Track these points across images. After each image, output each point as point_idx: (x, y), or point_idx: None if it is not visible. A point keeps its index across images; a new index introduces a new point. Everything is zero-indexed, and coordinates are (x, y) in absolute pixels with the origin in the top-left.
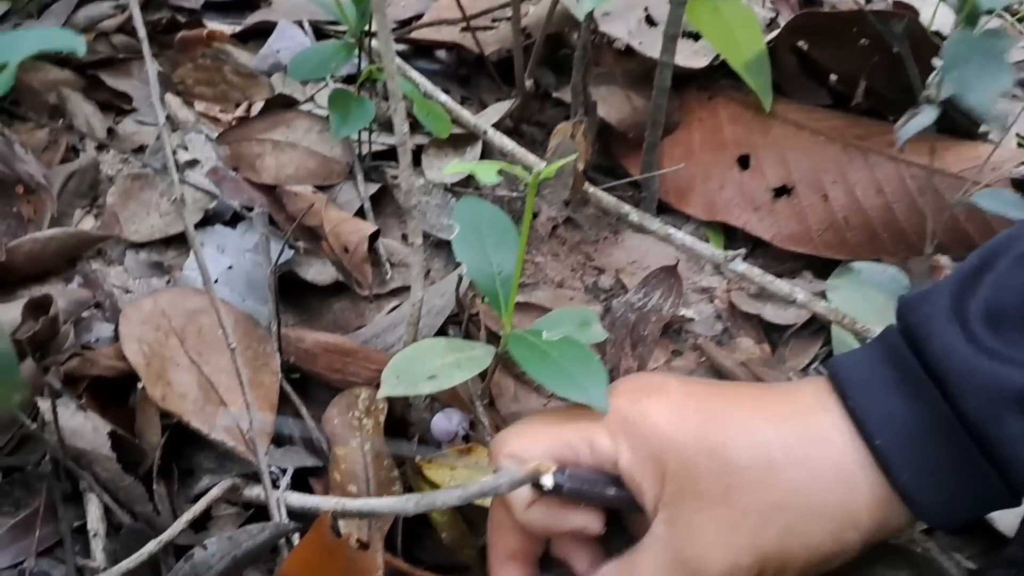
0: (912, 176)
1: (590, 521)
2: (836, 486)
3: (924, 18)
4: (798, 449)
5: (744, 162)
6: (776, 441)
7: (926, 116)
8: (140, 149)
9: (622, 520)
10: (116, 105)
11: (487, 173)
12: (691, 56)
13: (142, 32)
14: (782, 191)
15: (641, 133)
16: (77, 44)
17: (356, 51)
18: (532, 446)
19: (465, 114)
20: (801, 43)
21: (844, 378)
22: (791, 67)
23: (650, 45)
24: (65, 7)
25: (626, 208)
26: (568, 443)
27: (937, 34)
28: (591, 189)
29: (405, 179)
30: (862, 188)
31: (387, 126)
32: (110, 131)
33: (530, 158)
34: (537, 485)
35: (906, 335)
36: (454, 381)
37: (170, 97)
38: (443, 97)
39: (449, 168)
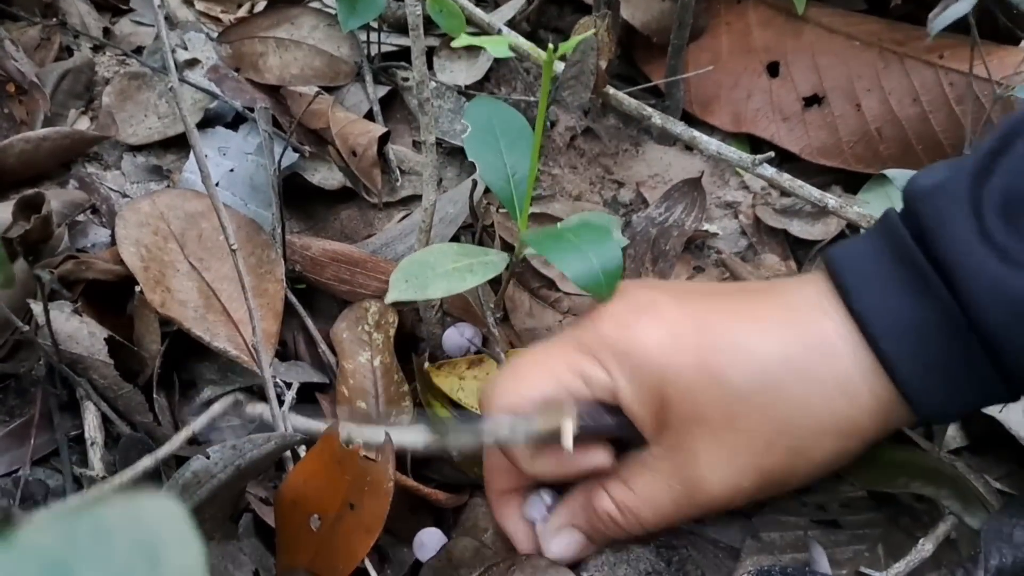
0: (951, 83)
1: (599, 458)
2: (840, 398)
3: None
4: (800, 361)
5: (773, 69)
6: (777, 356)
7: (963, 4)
8: (138, 50)
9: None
10: (112, 4)
11: (498, 47)
12: None
13: None
14: (813, 100)
15: (666, 37)
16: None
17: None
18: (527, 393)
19: (479, 12)
20: None
21: (846, 276)
22: None
23: None
24: None
25: (648, 110)
26: (562, 382)
27: None
28: (612, 92)
29: (418, 69)
30: (897, 96)
31: (397, 26)
32: (106, 31)
33: (538, 51)
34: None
35: (914, 225)
36: (466, 285)
37: None
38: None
39: (458, 42)
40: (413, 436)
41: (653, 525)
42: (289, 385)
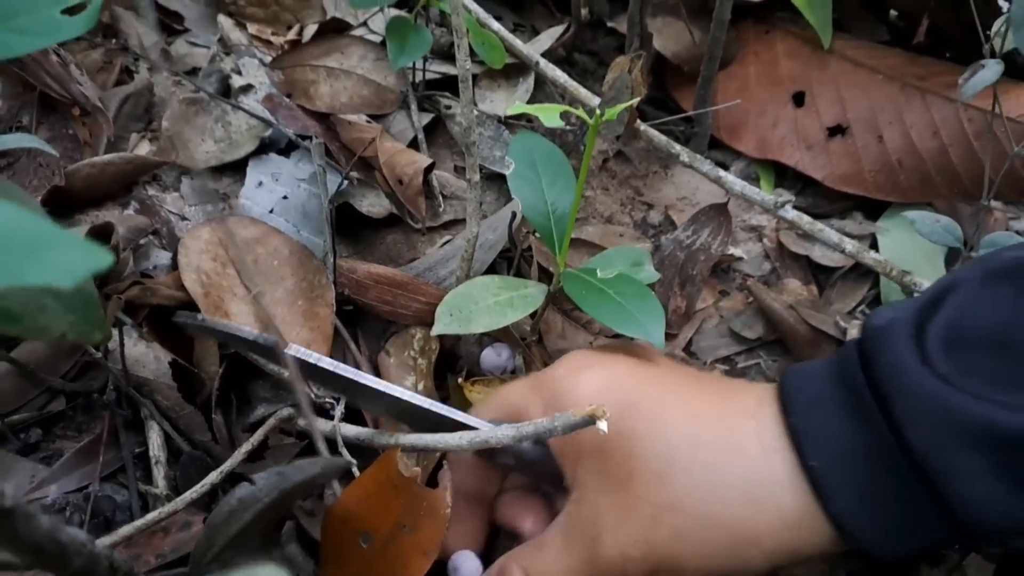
0: (970, 119)
1: (527, 524)
2: (738, 499)
3: None
4: (708, 454)
5: (799, 99)
6: (689, 441)
7: (991, 72)
8: (193, 71)
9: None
10: (168, 24)
11: (550, 117)
12: None
13: None
14: (836, 130)
15: (696, 67)
16: None
17: None
18: (483, 412)
19: (518, 44)
20: None
21: (791, 392)
22: (851, 1)
23: None
24: None
25: (677, 148)
26: (508, 411)
27: None
28: (643, 127)
29: (466, 116)
30: (918, 130)
31: (441, 54)
32: (163, 51)
33: (582, 91)
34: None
35: (860, 351)
36: (507, 320)
37: (222, 18)
38: (495, 25)
39: (512, 109)
40: (457, 439)
41: None
42: (337, 400)
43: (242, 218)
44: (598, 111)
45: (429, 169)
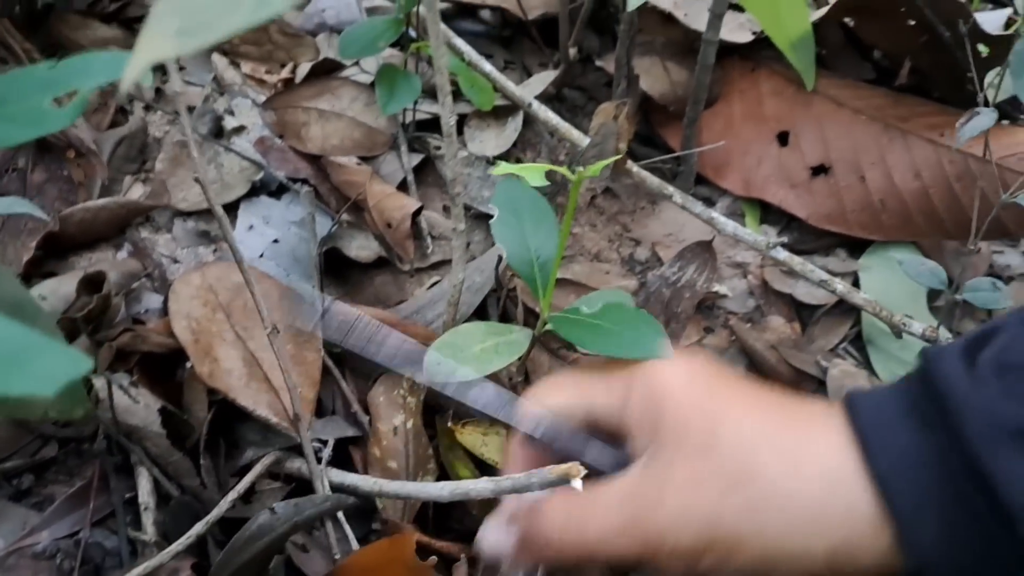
0: (951, 161)
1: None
2: (815, 483)
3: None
4: (787, 441)
5: (783, 138)
6: (768, 426)
7: (986, 119)
8: (187, 110)
9: None
10: (163, 64)
11: (535, 176)
12: (736, 30)
13: None
14: (820, 170)
15: (682, 107)
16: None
17: (404, 27)
18: (557, 393)
19: (509, 86)
20: (848, 19)
21: (855, 403)
22: (836, 40)
23: (695, 17)
24: None
25: (670, 190)
26: (586, 389)
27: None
28: (633, 168)
29: (451, 168)
30: (900, 171)
31: (431, 95)
32: (157, 91)
33: (574, 133)
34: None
35: (920, 374)
36: (493, 367)
37: (216, 57)
38: (487, 67)
39: (497, 170)
40: (439, 489)
41: (594, 540)
42: (325, 442)
43: (232, 263)
44: (580, 169)
45: (417, 213)
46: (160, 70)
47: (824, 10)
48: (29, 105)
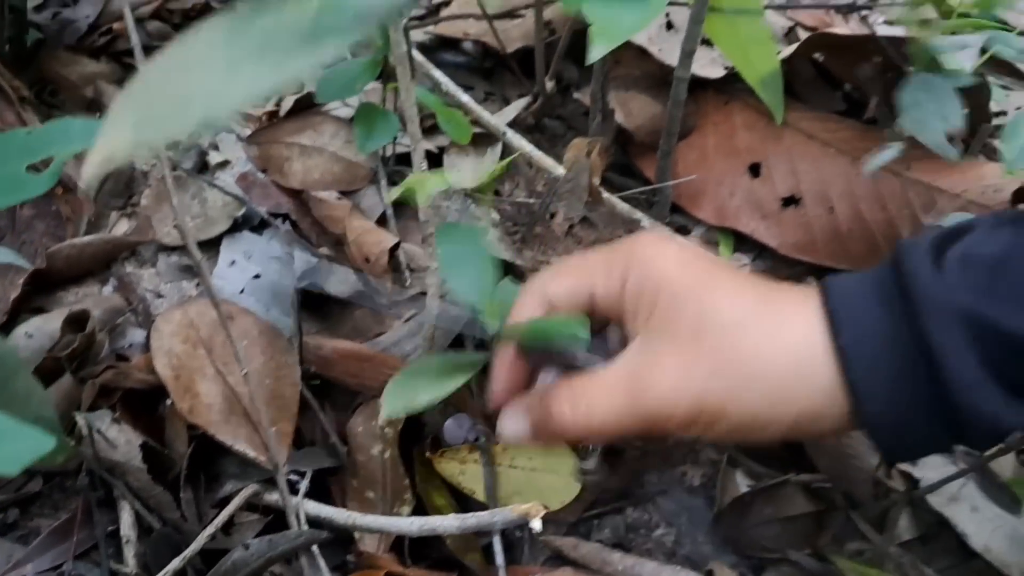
0: (916, 194)
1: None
2: (789, 364)
3: None
4: (769, 325)
5: (755, 170)
6: (755, 311)
7: (892, 151)
8: (172, 144)
9: None
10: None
11: (438, 182)
12: (708, 65)
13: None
14: (790, 201)
15: (657, 138)
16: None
17: (382, 67)
18: (560, 279)
19: (485, 115)
20: (818, 55)
21: (830, 286)
22: (807, 74)
23: (669, 52)
24: None
25: (639, 215)
26: (587, 276)
27: None
28: (607, 196)
29: (424, 212)
30: (867, 203)
31: None
32: None
33: (547, 161)
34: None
35: (892, 262)
36: (449, 388)
37: None
38: (464, 98)
39: (392, 193)
40: (408, 524)
41: (599, 422)
42: (304, 474)
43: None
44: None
45: (395, 248)
46: None
47: (794, 46)
48: (7, 172)
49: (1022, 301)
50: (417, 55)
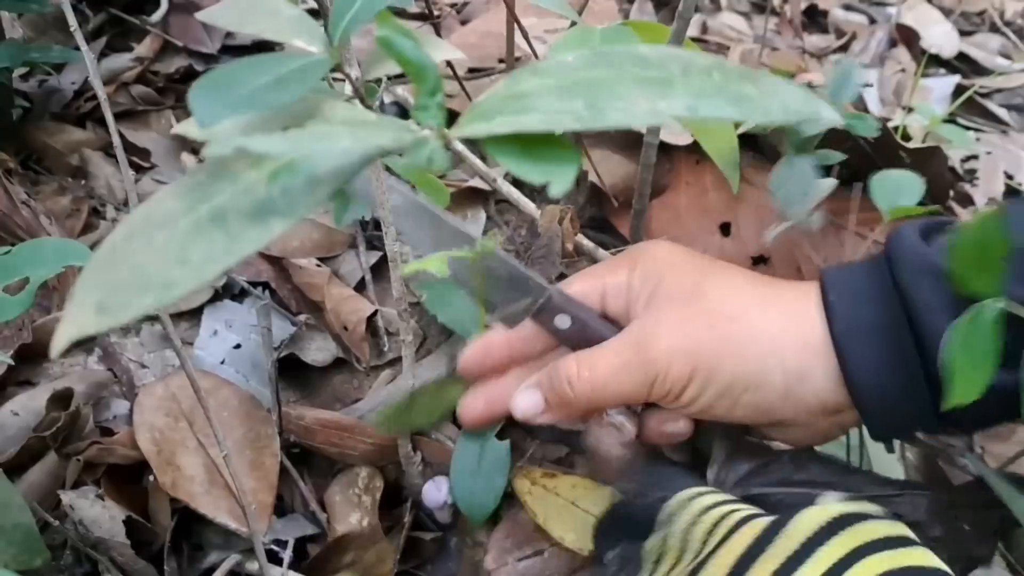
0: (880, 253)
1: None
2: (777, 321)
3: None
4: (759, 295)
5: (726, 229)
6: (747, 280)
7: (783, 227)
8: None
9: None
10: (136, 163)
11: (440, 268)
12: (677, 132)
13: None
14: (759, 260)
15: (631, 196)
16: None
17: None
18: (576, 282)
19: (478, 163)
20: None
21: (827, 271)
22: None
23: None
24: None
25: None
26: (599, 276)
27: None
28: (589, 247)
29: (396, 288)
30: (832, 263)
31: None
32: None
33: (531, 205)
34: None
35: (884, 246)
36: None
37: (186, 156)
38: (459, 146)
39: (405, 270)
40: None
41: (603, 381)
42: (285, 544)
43: (195, 371)
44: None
45: (372, 315)
46: (134, 169)
47: None
48: None
49: None
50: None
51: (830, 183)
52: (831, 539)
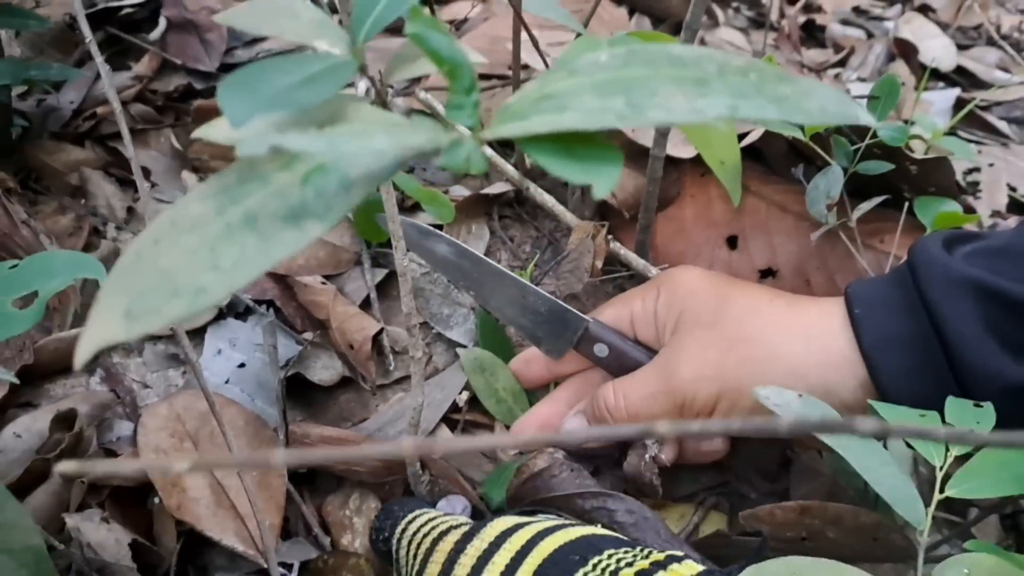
0: (892, 267)
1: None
2: (799, 340)
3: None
4: (780, 316)
5: (733, 242)
6: (768, 301)
7: (822, 231)
8: None
9: None
10: (135, 181)
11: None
12: (681, 144)
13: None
14: (768, 272)
15: (637, 211)
16: (98, 272)
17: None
18: (607, 310)
19: (509, 168)
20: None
21: (852, 285)
22: (780, 148)
23: (643, 133)
24: (85, 80)
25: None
26: (627, 303)
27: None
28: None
29: (406, 303)
30: (843, 275)
31: (399, 207)
32: (129, 209)
33: (565, 213)
34: None
35: (907, 258)
36: None
37: (186, 174)
38: (488, 151)
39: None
40: None
41: (636, 406)
42: (291, 566)
43: (198, 391)
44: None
45: (378, 334)
46: (132, 186)
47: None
48: None
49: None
50: None
51: (872, 202)
52: (519, 531)
